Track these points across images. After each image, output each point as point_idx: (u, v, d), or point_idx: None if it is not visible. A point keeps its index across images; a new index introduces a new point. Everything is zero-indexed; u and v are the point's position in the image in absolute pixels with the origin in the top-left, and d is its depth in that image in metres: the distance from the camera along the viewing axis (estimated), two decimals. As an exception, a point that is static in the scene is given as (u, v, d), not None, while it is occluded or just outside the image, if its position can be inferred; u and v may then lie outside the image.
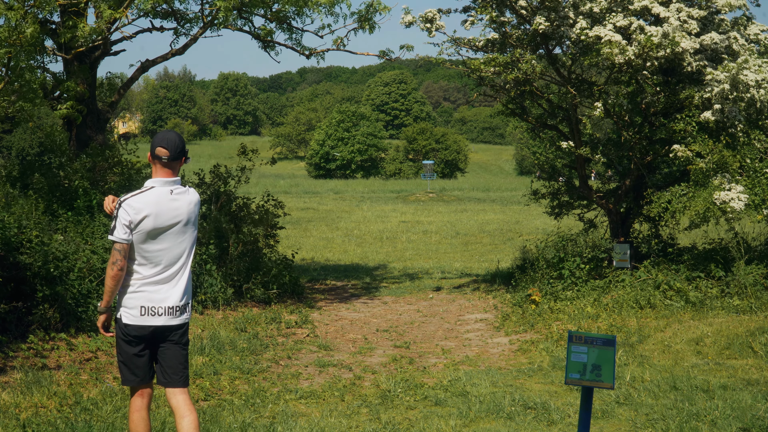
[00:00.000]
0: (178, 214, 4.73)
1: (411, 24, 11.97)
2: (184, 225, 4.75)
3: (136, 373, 4.79)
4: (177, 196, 4.74)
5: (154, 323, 4.70)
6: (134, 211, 4.61)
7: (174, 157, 4.72)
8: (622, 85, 11.59)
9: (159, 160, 4.71)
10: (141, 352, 4.77)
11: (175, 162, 4.75)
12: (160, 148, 4.70)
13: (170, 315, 4.73)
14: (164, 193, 4.70)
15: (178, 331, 4.80)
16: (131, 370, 4.79)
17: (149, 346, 4.80)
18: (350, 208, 35.95)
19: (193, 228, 4.82)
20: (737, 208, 9.75)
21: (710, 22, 11.08)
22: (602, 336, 4.87)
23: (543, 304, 10.88)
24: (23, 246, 8.33)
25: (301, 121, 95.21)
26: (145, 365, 4.80)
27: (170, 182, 4.74)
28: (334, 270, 16.79)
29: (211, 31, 12.89)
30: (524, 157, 75.95)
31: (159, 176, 4.74)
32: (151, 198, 4.67)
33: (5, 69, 9.42)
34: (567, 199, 13.64)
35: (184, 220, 4.75)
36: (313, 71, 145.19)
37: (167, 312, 4.72)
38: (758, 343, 8.16)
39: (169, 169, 4.74)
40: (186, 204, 4.77)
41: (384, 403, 6.85)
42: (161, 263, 4.70)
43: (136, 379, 4.80)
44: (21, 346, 7.63)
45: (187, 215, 4.76)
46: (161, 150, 4.70)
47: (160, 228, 4.67)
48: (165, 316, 4.72)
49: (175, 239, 4.72)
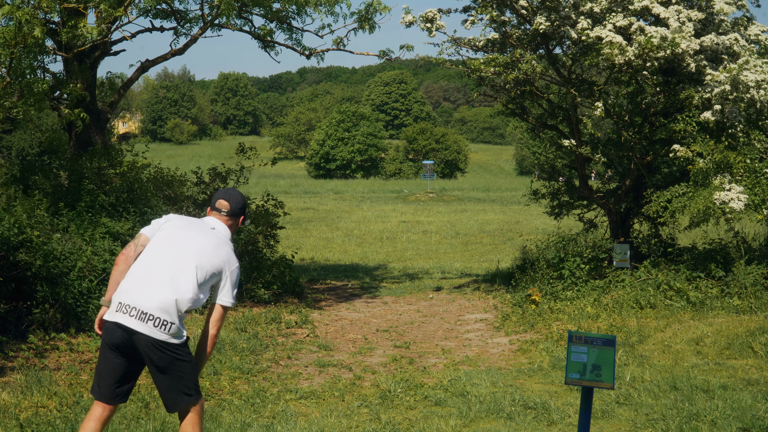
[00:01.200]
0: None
1: (411, 24, 11.98)
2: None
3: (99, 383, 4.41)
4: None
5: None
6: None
7: (233, 212, 4.64)
8: (622, 85, 11.60)
9: (218, 212, 4.66)
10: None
11: (235, 218, 4.67)
12: (221, 200, 4.65)
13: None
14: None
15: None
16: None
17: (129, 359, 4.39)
18: (350, 208, 35.95)
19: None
20: (737, 208, 9.75)
21: (710, 22, 11.08)
22: (602, 336, 4.87)
23: (543, 304, 10.88)
24: (24, 246, 8.33)
25: (301, 121, 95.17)
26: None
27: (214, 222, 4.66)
28: (334, 270, 16.79)
29: (211, 31, 12.89)
30: (524, 157, 75.93)
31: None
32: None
33: (6, 69, 9.41)
34: (567, 199, 13.65)
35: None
36: (313, 71, 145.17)
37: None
38: (758, 343, 8.16)
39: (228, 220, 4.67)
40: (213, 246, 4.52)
41: (384, 403, 6.85)
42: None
43: (97, 391, 4.41)
44: (21, 346, 7.63)
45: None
46: (221, 202, 4.65)
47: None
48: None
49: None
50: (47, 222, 9.37)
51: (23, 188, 10.84)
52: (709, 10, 10.99)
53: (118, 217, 10.49)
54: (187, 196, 12.18)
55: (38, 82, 9.89)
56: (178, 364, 4.34)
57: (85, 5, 10.66)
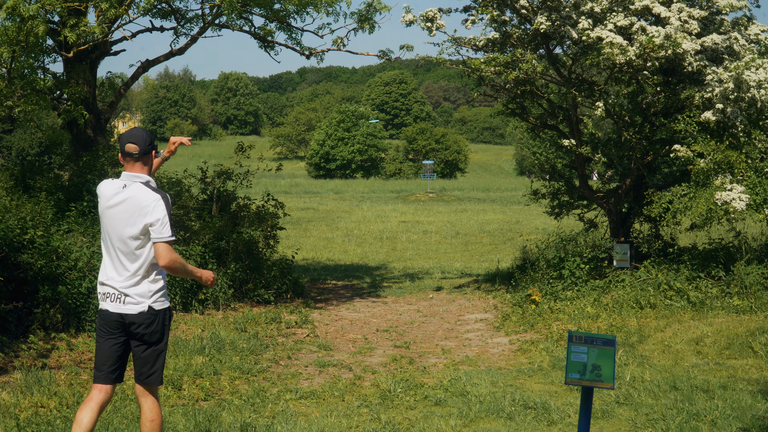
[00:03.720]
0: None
1: (411, 23, 11.98)
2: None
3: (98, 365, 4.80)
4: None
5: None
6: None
7: (144, 152, 4.78)
8: (622, 85, 11.59)
9: (130, 156, 4.78)
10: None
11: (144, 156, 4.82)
12: (129, 144, 4.77)
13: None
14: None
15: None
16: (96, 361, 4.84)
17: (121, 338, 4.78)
18: (350, 208, 35.95)
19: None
20: (738, 208, 9.75)
21: (711, 22, 11.08)
22: (602, 336, 4.87)
23: (543, 304, 10.88)
24: (26, 246, 8.33)
25: (301, 121, 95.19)
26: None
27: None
28: (334, 270, 16.79)
29: (211, 31, 12.90)
30: (524, 157, 75.89)
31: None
32: None
33: (7, 69, 9.41)
34: (567, 199, 13.65)
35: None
36: (313, 71, 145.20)
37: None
38: (758, 343, 8.16)
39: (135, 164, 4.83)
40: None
41: (384, 403, 6.85)
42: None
43: (96, 374, 4.80)
44: (21, 346, 7.63)
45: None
46: (130, 146, 4.77)
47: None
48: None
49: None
50: (49, 222, 9.37)
51: (24, 188, 10.85)
52: (711, 9, 10.98)
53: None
54: (188, 195, 12.17)
55: (39, 80, 9.90)
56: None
57: (87, 4, 10.66)
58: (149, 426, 4.72)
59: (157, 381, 4.79)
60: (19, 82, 9.68)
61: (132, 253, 4.68)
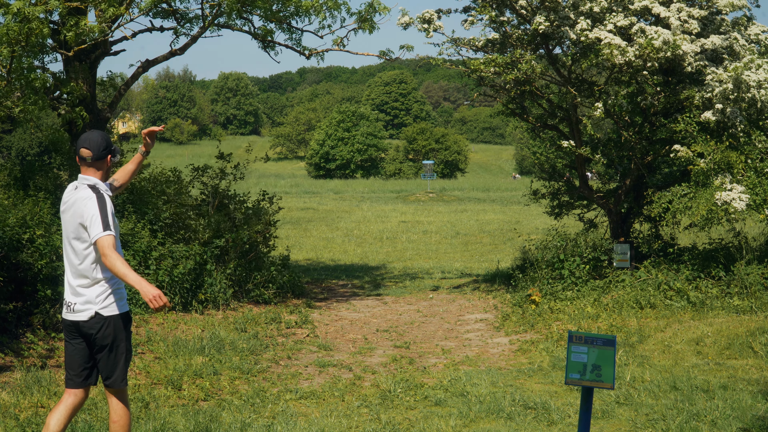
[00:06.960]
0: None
1: (408, 25, 11.98)
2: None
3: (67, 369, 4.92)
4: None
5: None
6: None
7: (98, 157, 4.84)
8: (622, 85, 11.59)
9: (84, 161, 4.86)
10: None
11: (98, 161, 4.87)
12: (82, 149, 4.83)
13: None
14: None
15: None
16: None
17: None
18: (350, 208, 35.95)
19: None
20: (738, 208, 9.75)
21: (710, 22, 11.08)
22: (602, 336, 4.87)
23: (543, 304, 10.88)
24: (25, 246, 8.33)
25: (301, 121, 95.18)
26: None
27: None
28: (334, 270, 16.79)
29: (211, 31, 12.87)
30: (524, 157, 75.89)
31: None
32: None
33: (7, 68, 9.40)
34: (567, 199, 13.65)
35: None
36: (313, 71, 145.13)
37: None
38: (758, 343, 8.16)
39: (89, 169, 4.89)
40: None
41: (384, 403, 6.85)
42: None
43: (68, 376, 4.91)
44: (21, 346, 7.63)
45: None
46: (83, 152, 4.83)
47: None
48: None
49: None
50: (49, 221, 9.37)
51: (24, 188, 10.84)
52: (711, 9, 10.98)
53: (118, 217, 10.49)
54: (186, 195, 12.18)
55: (38, 80, 9.89)
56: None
57: (87, 3, 10.65)
58: (113, 427, 4.84)
59: (118, 384, 4.85)
60: (18, 82, 9.67)
61: (78, 257, 4.76)
